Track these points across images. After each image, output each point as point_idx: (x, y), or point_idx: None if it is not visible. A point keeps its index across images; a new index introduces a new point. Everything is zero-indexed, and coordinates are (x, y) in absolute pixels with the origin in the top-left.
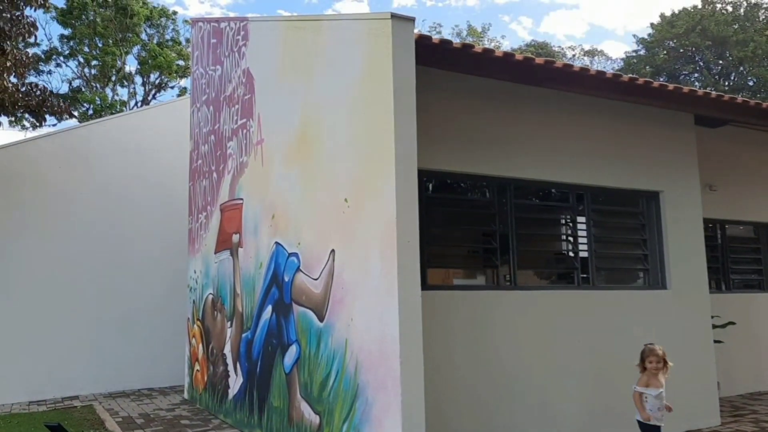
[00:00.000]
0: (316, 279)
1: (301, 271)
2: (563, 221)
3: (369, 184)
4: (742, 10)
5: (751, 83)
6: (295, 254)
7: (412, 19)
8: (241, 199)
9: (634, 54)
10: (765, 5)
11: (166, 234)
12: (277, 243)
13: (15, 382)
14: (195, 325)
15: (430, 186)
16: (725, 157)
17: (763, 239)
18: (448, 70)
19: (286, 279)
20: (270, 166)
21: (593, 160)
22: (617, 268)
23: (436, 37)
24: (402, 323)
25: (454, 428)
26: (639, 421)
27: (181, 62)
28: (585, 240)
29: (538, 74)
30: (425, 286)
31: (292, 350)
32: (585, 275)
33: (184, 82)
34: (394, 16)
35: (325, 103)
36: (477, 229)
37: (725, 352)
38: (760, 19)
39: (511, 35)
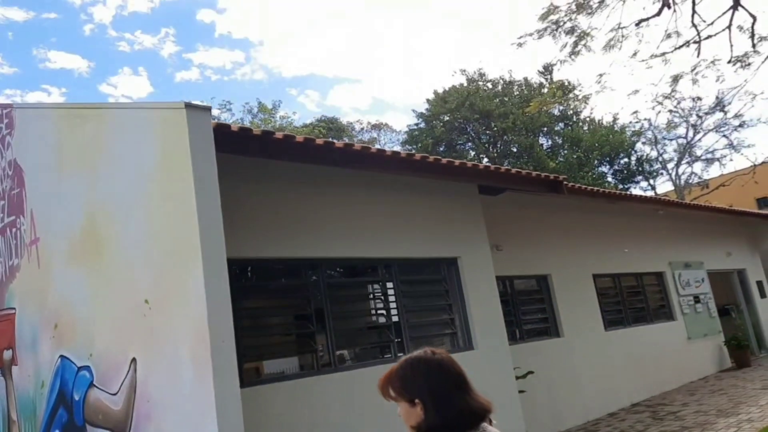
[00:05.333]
0: (114, 394)
1: (95, 386)
2: (377, 295)
3: (173, 283)
4: (500, 87)
5: (514, 149)
6: (87, 367)
7: (208, 108)
8: (13, 308)
9: (415, 126)
10: (518, 82)
11: None
12: (62, 356)
13: None
14: None
15: (240, 275)
16: (507, 219)
17: (544, 290)
18: (249, 156)
19: (77, 397)
20: (49, 269)
21: (395, 234)
22: (429, 335)
23: (234, 125)
24: (222, 430)
25: None
26: None
27: None
28: (396, 311)
29: (338, 156)
30: (243, 383)
31: None
32: (399, 340)
33: None
34: (188, 105)
35: (116, 197)
36: (292, 313)
37: (529, 400)
38: (515, 94)
39: (300, 108)
